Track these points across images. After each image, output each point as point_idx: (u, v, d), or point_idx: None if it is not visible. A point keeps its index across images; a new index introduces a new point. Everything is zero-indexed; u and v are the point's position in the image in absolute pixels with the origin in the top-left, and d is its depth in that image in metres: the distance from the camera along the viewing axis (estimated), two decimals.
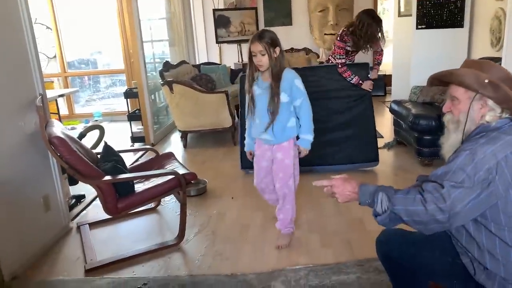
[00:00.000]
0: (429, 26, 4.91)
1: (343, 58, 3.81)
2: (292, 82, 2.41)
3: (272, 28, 8.38)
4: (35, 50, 2.77)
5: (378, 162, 3.90)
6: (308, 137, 2.52)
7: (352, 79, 3.79)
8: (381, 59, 4.04)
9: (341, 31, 3.88)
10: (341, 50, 3.81)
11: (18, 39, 2.63)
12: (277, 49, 2.36)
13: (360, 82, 3.79)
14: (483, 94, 1.41)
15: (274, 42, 2.35)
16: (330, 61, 4.06)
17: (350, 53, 3.98)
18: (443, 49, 4.85)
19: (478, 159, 1.32)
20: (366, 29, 3.68)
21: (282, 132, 2.47)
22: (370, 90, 3.82)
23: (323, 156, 3.78)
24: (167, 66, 5.52)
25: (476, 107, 1.44)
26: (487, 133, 1.39)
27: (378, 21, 3.77)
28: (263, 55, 2.33)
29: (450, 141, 1.53)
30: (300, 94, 2.43)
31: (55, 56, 6.98)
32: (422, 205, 1.34)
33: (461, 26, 4.79)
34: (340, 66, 3.81)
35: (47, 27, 6.81)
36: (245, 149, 2.74)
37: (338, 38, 3.85)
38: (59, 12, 6.67)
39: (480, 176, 1.31)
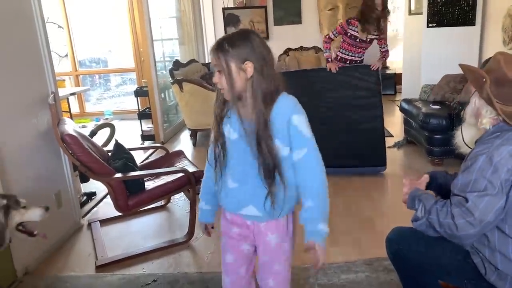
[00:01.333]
0: (440, 24, 4.86)
1: (334, 34, 3.96)
2: (288, 119, 1.37)
3: (281, 27, 8.35)
4: (47, 48, 2.80)
5: (385, 167, 3.78)
6: (322, 226, 1.45)
7: (326, 52, 3.91)
8: (387, 56, 4.08)
9: (348, 18, 4.06)
10: (340, 29, 3.98)
11: (31, 38, 2.67)
12: (248, 65, 1.34)
13: (329, 60, 3.84)
14: (480, 92, 1.44)
15: (239, 52, 1.34)
16: (339, 57, 4.08)
17: (355, 39, 3.99)
18: (454, 47, 4.80)
19: (496, 162, 1.32)
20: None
21: (278, 203, 1.43)
22: (330, 70, 3.71)
23: (326, 158, 3.66)
24: (177, 64, 5.54)
25: (473, 101, 1.49)
26: (502, 133, 1.39)
27: None
28: (219, 71, 1.37)
29: (459, 131, 1.60)
30: (302, 141, 1.40)
31: (66, 55, 7.05)
32: (451, 219, 1.36)
33: (473, 24, 4.74)
34: (326, 37, 3.98)
35: (59, 26, 6.89)
36: (199, 219, 1.66)
37: (346, 20, 4.04)
38: (71, 11, 6.74)
39: (502, 180, 1.32)
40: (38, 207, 1.90)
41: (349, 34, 3.94)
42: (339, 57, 4.10)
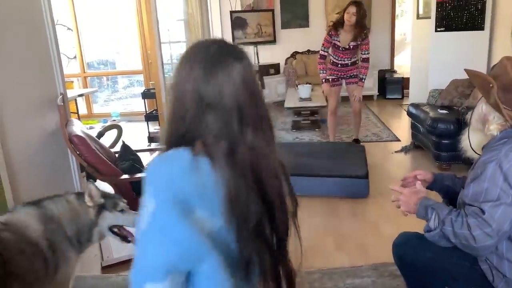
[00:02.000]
0: (448, 28, 4.84)
1: (325, 51, 4.15)
2: None
3: (288, 30, 8.42)
4: (57, 50, 2.83)
5: (368, 179, 3.39)
6: None
7: (321, 72, 4.10)
8: (366, 73, 4.16)
9: (328, 29, 4.24)
10: (326, 43, 4.16)
11: (41, 40, 2.70)
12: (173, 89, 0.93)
13: (323, 81, 4.09)
14: (487, 97, 1.43)
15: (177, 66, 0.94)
16: (331, 60, 4.33)
17: (339, 47, 4.15)
18: (463, 52, 4.77)
19: (506, 169, 1.32)
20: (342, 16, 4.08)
21: None
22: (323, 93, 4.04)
23: (308, 166, 3.53)
24: None
25: (479, 107, 1.48)
26: (509, 139, 1.38)
27: (349, 4, 4.05)
28: None
29: (465, 135, 1.58)
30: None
31: (75, 57, 7.11)
32: (467, 230, 1.34)
33: (482, 28, 4.71)
34: (319, 57, 4.18)
35: (68, 28, 6.95)
36: None
37: (327, 32, 4.22)
38: (79, 14, 6.80)
39: None
40: (136, 214, 1.88)
41: (333, 43, 4.15)
42: (331, 61, 4.29)
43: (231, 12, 7.35)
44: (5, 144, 2.32)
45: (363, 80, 4.11)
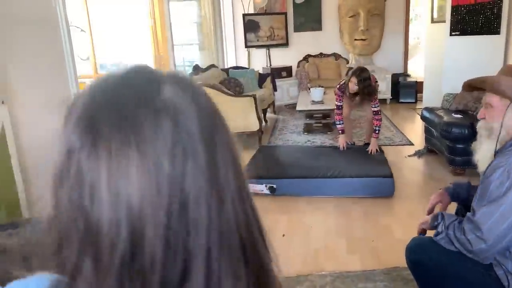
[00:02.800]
0: (463, 32, 4.79)
1: (339, 103, 4.21)
2: None
3: (301, 33, 8.38)
4: (71, 52, 2.87)
5: (392, 178, 3.41)
6: None
7: (338, 125, 4.20)
8: (380, 124, 4.12)
9: (338, 85, 4.25)
10: (338, 97, 4.21)
11: (55, 41, 2.74)
12: None
13: (339, 132, 4.18)
14: None
15: None
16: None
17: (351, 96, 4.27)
18: (478, 56, 4.71)
19: None
20: (347, 82, 4.06)
21: None
22: (339, 147, 4.13)
23: (330, 168, 3.56)
24: (196, 69, 5.60)
25: (510, 115, 1.41)
26: None
27: (353, 73, 4.05)
28: None
29: (482, 149, 1.52)
30: None
31: (88, 58, 7.19)
32: (463, 235, 1.35)
33: (498, 33, 4.64)
34: (336, 107, 4.23)
35: (81, 30, 7.04)
36: None
37: (337, 87, 4.23)
38: (93, 15, 6.88)
39: None
40: None
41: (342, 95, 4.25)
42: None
43: (244, 15, 7.37)
44: (19, 145, 2.36)
45: (377, 132, 4.08)
